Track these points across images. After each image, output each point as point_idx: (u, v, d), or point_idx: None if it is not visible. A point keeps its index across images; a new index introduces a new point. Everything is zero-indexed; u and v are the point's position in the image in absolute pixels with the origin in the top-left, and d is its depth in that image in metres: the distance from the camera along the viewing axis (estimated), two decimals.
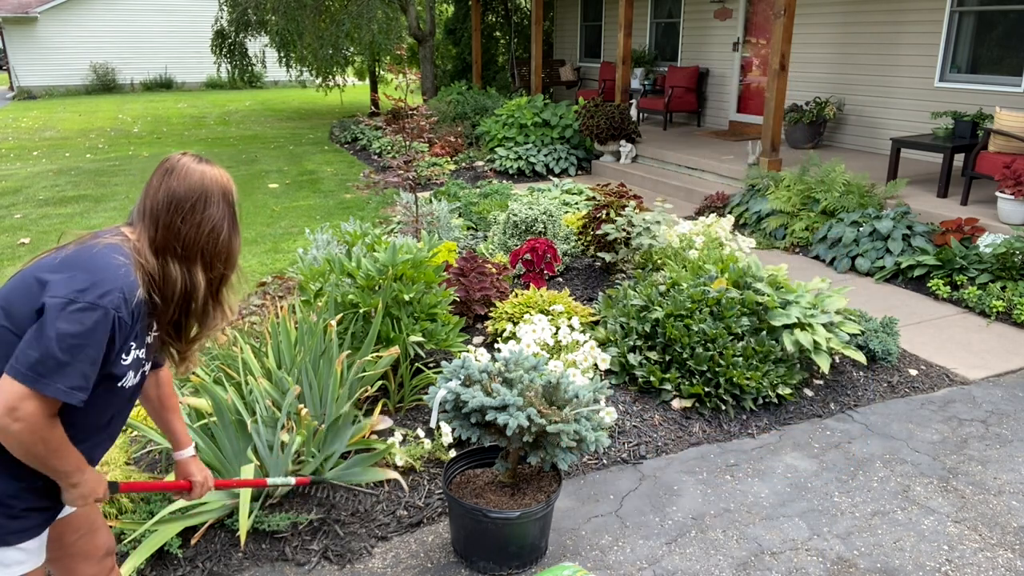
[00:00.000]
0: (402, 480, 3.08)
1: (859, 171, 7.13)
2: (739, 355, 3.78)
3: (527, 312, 4.34)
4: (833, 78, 9.34)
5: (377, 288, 3.78)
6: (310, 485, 3.04)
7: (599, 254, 5.35)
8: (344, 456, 3.21)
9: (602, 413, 2.91)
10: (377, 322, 3.47)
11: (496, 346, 4.19)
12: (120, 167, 10.84)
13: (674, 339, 3.86)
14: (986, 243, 5.46)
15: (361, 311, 3.72)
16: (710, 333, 3.82)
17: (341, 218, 7.56)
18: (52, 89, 23.77)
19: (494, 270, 4.79)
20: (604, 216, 5.41)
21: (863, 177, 6.61)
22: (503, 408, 2.52)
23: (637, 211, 5.32)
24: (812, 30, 9.47)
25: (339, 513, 2.94)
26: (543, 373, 2.74)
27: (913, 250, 5.75)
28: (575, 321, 4.01)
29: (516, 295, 4.59)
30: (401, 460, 3.18)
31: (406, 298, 3.70)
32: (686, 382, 3.78)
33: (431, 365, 3.99)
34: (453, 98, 12.21)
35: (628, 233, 5.17)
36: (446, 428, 3.27)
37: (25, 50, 23.44)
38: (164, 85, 25.47)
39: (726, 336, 3.83)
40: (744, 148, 9.31)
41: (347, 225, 4.90)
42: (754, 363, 3.78)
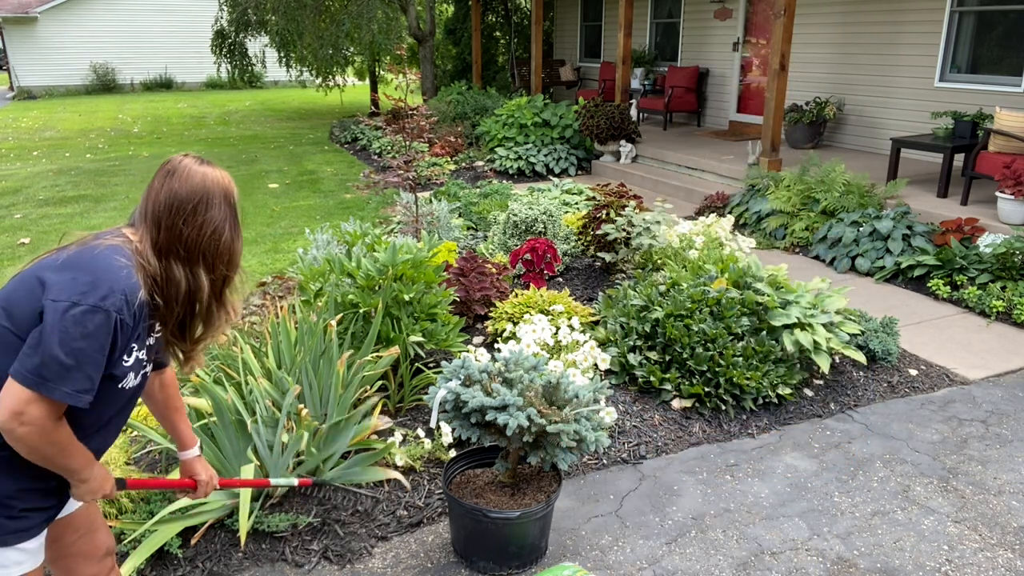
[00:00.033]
0: (403, 479, 3.08)
1: (859, 171, 7.13)
2: (739, 355, 3.78)
3: (527, 312, 4.35)
4: (833, 78, 9.34)
5: (377, 288, 3.78)
6: (311, 486, 3.04)
7: (599, 254, 5.35)
8: (344, 456, 3.21)
9: (602, 413, 2.91)
10: (377, 322, 3.47)
11: (496, 346, 4.19)
12: (120, 167, 10.84)
13: (674, 339, 3.86)
14: (986, 243, 5.46)
15: (361, 311, 3.72)
16: (710, 333, 3.82)
17: (341, 218, 7.57)
18: (52, 89, 23.78)
19: (494, 270, 4.79)
20: (604, 216, 5.41)
21: (863, 177, 6.61)
22: (503, 408, 2.53)
23: (637, 211, 5.32)
24: (812, 30, 9.47)
25: (339, 513, 2.94)
26: (543, 373, 2.74)
27: (913, 250, 5.75)
28: (575, 321, 4.01)
29: (516, 295, 4.59)
30: (401, 460, 3.18)
31: (406, 298, 3.70)
32: (686, 382, 3.78)
33: (431, 365, 3.99)
34: (453, 98, 12.21)
35: (628, 233, 5.17)
36: (446, 428, 3.27)
37: (25, 50, 23.45)
38: (164, 85, 25.48)
39: (726, 336, 3.83)
40: (744, 148, 9.31)
41: (347, 225, 4.90)
42: (754, 363, 3.78)
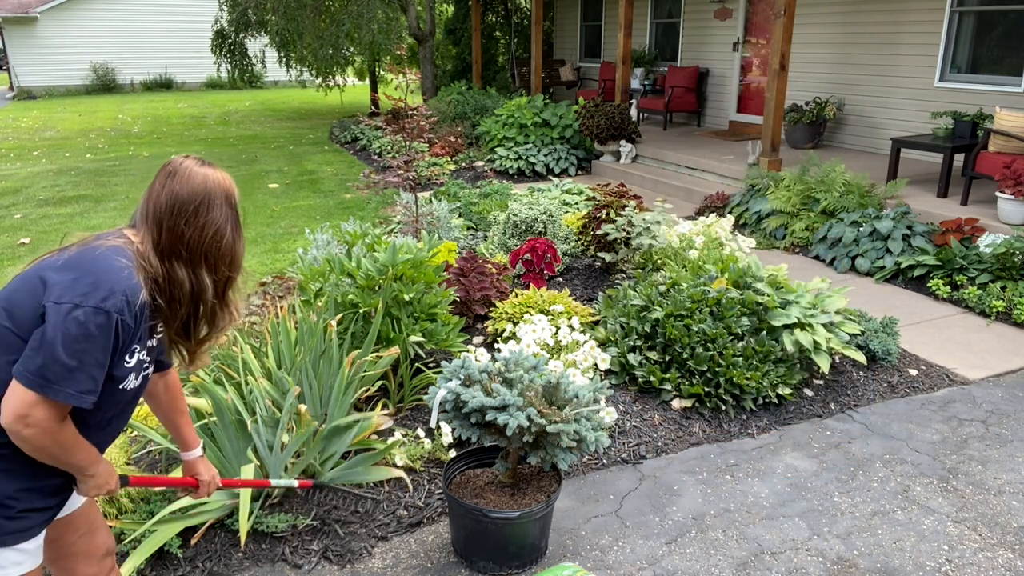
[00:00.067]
0: (406, 478, 3.08)
1: (859, 171, 7.13)
2: (739, 355, 3.78)
3: (527, 312, 4.34)
4: (833, 78, 9.34)
5: (377, 288, 3.78)
6: (312, 488, 3.04)
7: (599, 254, 5.35)
8: (344, 456, 3.21)
9: (602, 413, 2.91)
10: (377, 322, 3.47)
11: (496, 346, 4.19)
12: (120, 167, 10.84)
13: (674, 339, 3.86)
14: (986, 243, 5.46)
15: (361, 311, 3.72)
16: (710, 333, 3.82)
17: (341, 218, 7.56)
18: (52, 89, 23.78)
19: (494, 270, 4.79)
20: (604, 216, 5.41)
21: (863, 177, 6.61)
22: (503, 408, 2.53)
23: (637, 211, 5.32)
24: (812, 30, 9.47)
25: (339, 513, 2.94)
26: (543, 373, 2.74)
27: (913, 250, 5.75)
28: (575, 321, 4.01)
29: (516, 295, 4.59)
30: (401, 460, 3.18)
31: (406, 298, 3.70)
32: (686, 382, 3.78)
33: (431, 365, 3.99)
34: (453, 98, 12.21)
35: (628, 233, 5.17)
36: (446, 428, 3.27)
37: (25, 50, 23.45)
38: (164, 85, 25.48)
39: (726, 336, 3.83)
40: (744, 148, 9.31)
41: (347, 225, 4.90)
42: (754, 363, 3.78)
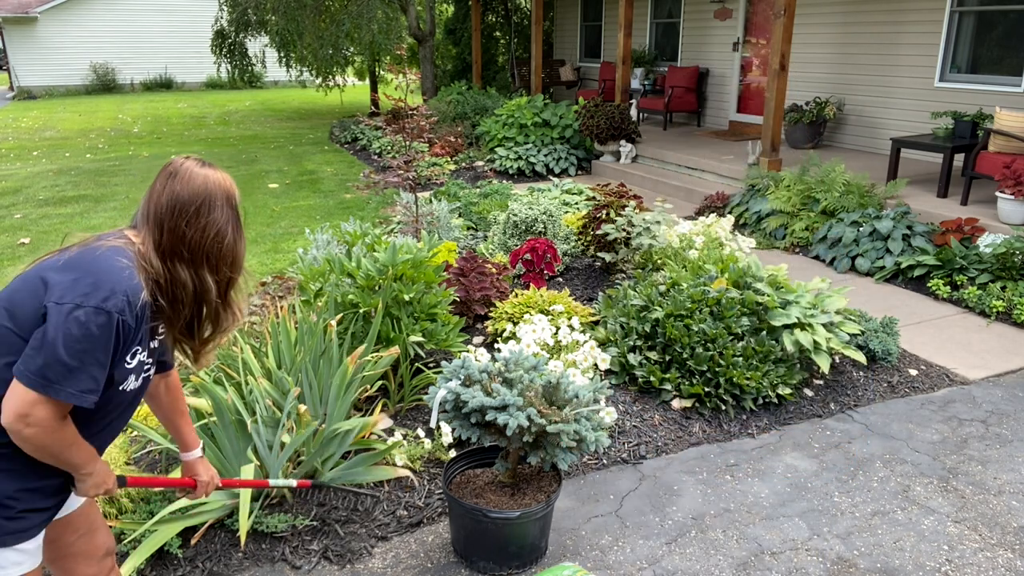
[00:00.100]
0: (413, 476, 3.08)
1: (859, 171, 7.13)
2: (739, 355, 3.78)
3: (527, 312, 4.34)
4: (833, 78, 9.34)
5: (377, 288, 3.78)
6: (311, 488, 3.03)
7: (599, 254, 5.35)
8: (344, 456, 3.21)
9: (602, 413, 2.91)
10: (377, 322, 3.47)
11: (496, 346, 4.19)
12: (120, 167, 10.84)
13: (674, 339, 3.86)
14: (986, 243, 5.46)
15: (361, 311, 3.72)
16: (710, 333, 3.82)
17: (341, 218, 7.57)
18: (52, 89, 23.78)
19: (494, 270, 4.79)
20: (604, 216, 5.41)
21: (863, 177, 6.61)
22: (503, 408, 2.52)
23: (637, 211, 5.32)
24: (812, 30, 9.47)
25: (339, 513, 2.94)
26: (543, 373, 2.74)
27: (913, 250, 5.75)
28: (575, 321, 4.01)
29: (516, 295, 4.59)
30: (401, 460, 3.18)
31: (406, 298, 3.70)
32: (686, 382, 3.78)
33: (431, 365, 3.99)
34: (453, 98, 12.21)
35: (628, 233, 5.17)
36: (446, 428, 3.27)
37: (25, 50, 23.45)
38: (164, 85, 25.48)
39: (726, 336, 3.83)
40: (744, 148, 9.31)
41: (347, 225, 4.90)
42: (754, 363, 3.78)
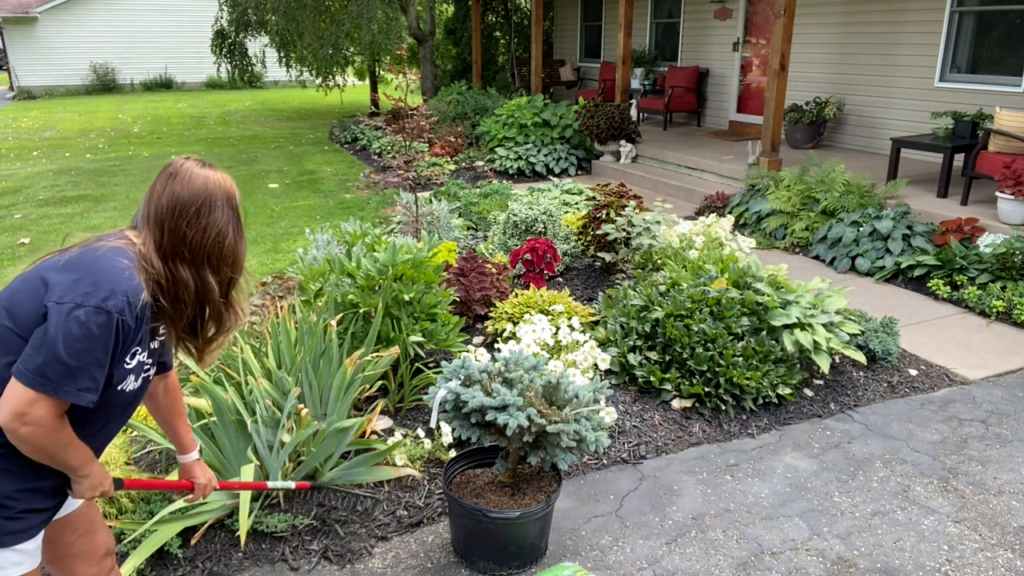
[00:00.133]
0: (416, 473, 3.08)
1: (859, 171, 7.13)
2: (739, 355, 3.78)
3: (527, 312, 4.34)
4: (833, 78, 9.34)
5: (377, 288, 3.78)
6: (310, 490, 3.03)
7: (599, 254, 5.35)
8: (344, 456, 3.21)
9: (602, 413, 2.91)
10: (377, 322, 3.47)
11: (496, 346, 4.19)
12: (120, 167, 10.84)
13: (674, 339, 3.86)
14: (986, 243, 5.46)
15: (361, 311, 3.72)
16: (710, 333, 3.82)
17: (341, 218, 7.56)
18: (52, 89, 23.78)
19: (494, 270, 4.79)
20: (604, 216, 5.41)
21: (863, 177, 6.61)
22: (503, 408, 2.52)
23: (637, 211, 5.32)
24: (812, 30, 9.47)
25: (339, 513, 2.94)
26: (543, 373, 2.74)
27: (913, 250, 5.75)
28: (575, 321, 4.01)
29: (516, 295, 4.59)
30: (401, 460, 3.18)
31: (406, 298, 3.70)
32: (686, 382, 3.78)
33: (431, 365, 3.99)
34: (453, 98, 12.21)
35: (628, 233, 5.17)
36: (446, 428, 3.27)
37: (25, 50, 23.44)
38: (164, 85, 25.48)
39: (726, 336, 3.83)
40: (744, 148, 9.31)
41: (347, 225, 4.89)
42: (754, 363, 3.78)
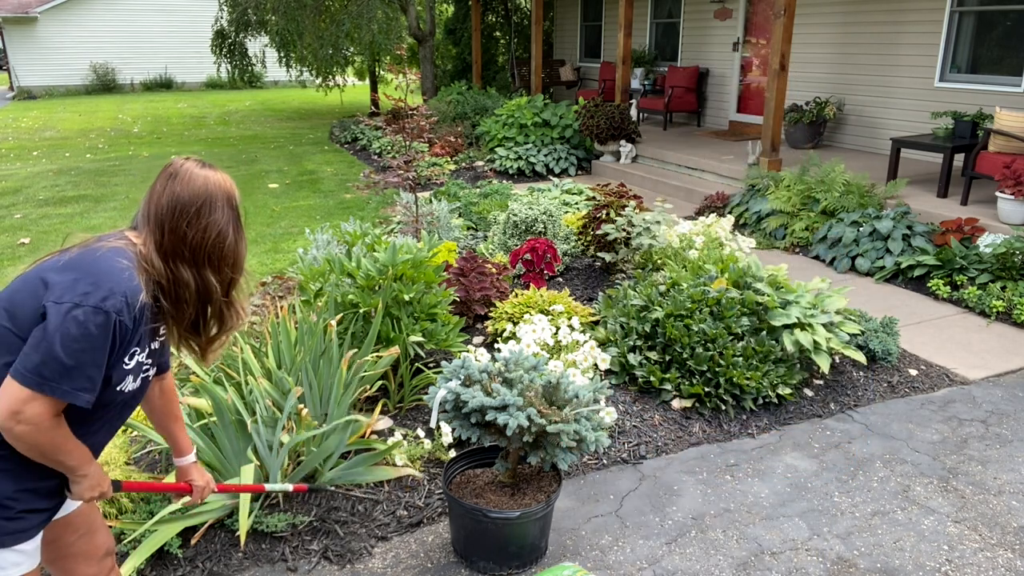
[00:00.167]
0: (415, 473, 3.08)
1: (859, 171, 7.13)
2: (739, 355, 3.78)
3: (527, 312, 4.34)
4: (833, 78, 9.34)
5: (377, 288, 3.78)
6: (307, 492, 3.03)
7: (599, 254, 5.35)
8: (344, 456, 3.21)
9: (602, 413, 2.91)
10: (377, 322, 3.47)
11: (496, 346, 4.19)
12: (120, 167, 10.84)
13: (674, 339, 3.86)
14: (986, 243, 5.46)
15: (361, 311, 3.72)
16: (710, 333, 3.82)
17: (341, 218, 7.57)
18: (52, 89, 23.78)
19: (494, 270, 4.79)
20: (604, 216, 5.41)
21: (863, 177, 6.61)
22: (503, 408, 2.52)
23: (637, 211, 5.32)
24: (812, 30, 9.47)
25: (339, 513, 2.94)
26: (543, 373, 2.74)
27: (913, 250, 5.75)
28: (575, 321, 4.01)
29: (516, 295, 4.59)
30: (401, 460, 3.18)
31: (406, 298, 3.70)
32: (686, 382, 3.78)
33: (431, 365, 3.99)
34: (453, 98, 12.21)
35: (628, 233, 5.17)
36: (446, 428, 3.27)
37: (25, 50, 23.44)
38: (164, 85, 25.48)
39: (726, 336, 3.83)
40: (744, 148, 9.31)
41: (347, 225, 4.90)
42: (754, 363, 3.78)
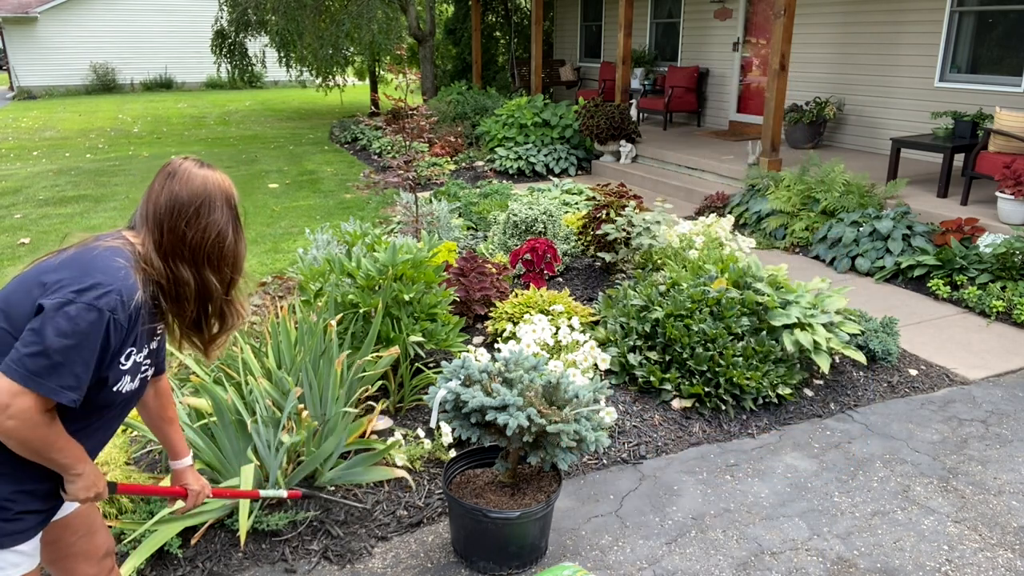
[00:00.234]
0: (409, 477, 3.08)
1: (859, 171, 7.13)
2: (739, 355, 3.78)
3: (527, 312, 4.34)
4: (833, 78, 9.34)
5: (377, 288, 3.78)
6: (302, 498, 3.01)
7: (599, 254, 5.35)
8: (344, 456, 3.21)
9: (602, 413, 2.91)
10: (377, 322, 3.47)
11: (496, 346, 4.19)
12: (120, 167, 10.84)
13: (674, 339, 3.86)
14: (986, 243, 5.46)
15: (361, 311, 3.72)
16: (710, 333, 3.82)
17: (341, 218, 7.56)
18: (52, 89, 23.78)
19: (494, 270, 4.79)
20: (604, 216, 5.41)
21: (863, 177, 6.61)
22: (503, 408, 2.52)
23: (637, 211, 5.32)
24: (812, 30, 9.47)
25: (339, 513, 2.94)
26: (543, 373, 2.74)
27: (913, 250, 5.75)
28: (575, 321, 4.01)
29: (516, 295, 4.59)
30: (401, 460, 3.18)
31: (406, 298, 3.70)
32: (686, 382, 3.78)
33: (431, 365, 3.99)
34: (453, 98, 12.21)
35: (628, 233, 5.17)
36: (446, 428, 3.27)
37: (25, 50, 23.44)
38: (164, 85, 25.48)
39: (726, 336, 3.83)
40: (744, 148, 9.31)
41: (347, 225, 4.89)
42: (754, 363, 3.78)
